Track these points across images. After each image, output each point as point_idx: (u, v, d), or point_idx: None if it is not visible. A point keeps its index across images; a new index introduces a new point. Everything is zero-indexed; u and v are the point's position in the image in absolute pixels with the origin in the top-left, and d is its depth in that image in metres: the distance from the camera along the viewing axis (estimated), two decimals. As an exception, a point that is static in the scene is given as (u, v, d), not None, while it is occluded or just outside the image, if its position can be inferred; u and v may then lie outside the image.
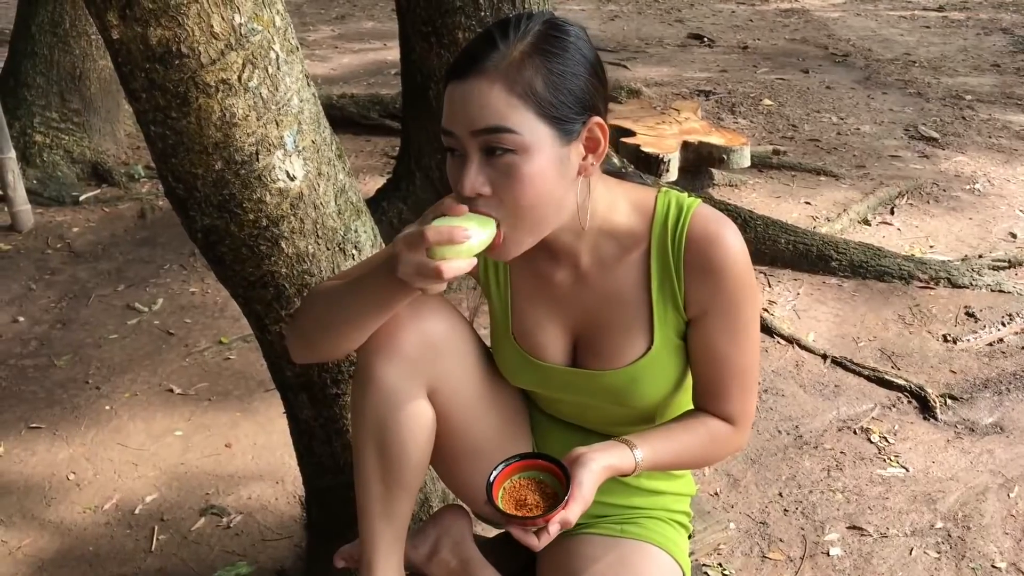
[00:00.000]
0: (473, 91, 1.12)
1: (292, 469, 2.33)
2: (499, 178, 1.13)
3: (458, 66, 1.14)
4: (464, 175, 1.13)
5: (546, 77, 1.12)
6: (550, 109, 1.12)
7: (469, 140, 1.13)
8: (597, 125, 1.17)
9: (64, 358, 3.03)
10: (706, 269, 1.24)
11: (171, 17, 1.22)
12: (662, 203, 1.27)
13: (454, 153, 1.16)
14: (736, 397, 1.31)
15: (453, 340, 1.35)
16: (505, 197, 1.14)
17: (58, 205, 4.25)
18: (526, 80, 1.11)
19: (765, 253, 3.51)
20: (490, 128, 1.11)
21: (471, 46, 1.15)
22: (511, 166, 1.12)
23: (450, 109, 1.15)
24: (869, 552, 2.18)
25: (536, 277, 1.34)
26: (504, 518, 1.16)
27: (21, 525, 2.31)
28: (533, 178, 1.13)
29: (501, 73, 1.11)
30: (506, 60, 1.12)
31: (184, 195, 1.41)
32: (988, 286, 3.36)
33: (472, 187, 1.13)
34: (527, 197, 1.14)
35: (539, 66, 1.12)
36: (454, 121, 1.14)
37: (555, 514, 1.14)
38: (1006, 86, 5.98)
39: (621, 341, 1.31)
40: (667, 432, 1.31)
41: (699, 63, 6.64)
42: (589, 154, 1.19)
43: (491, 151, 1.12)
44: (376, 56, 6.94)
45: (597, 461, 1.19)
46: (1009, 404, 2.73)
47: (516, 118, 1.11)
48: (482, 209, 1.15)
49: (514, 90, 1.11)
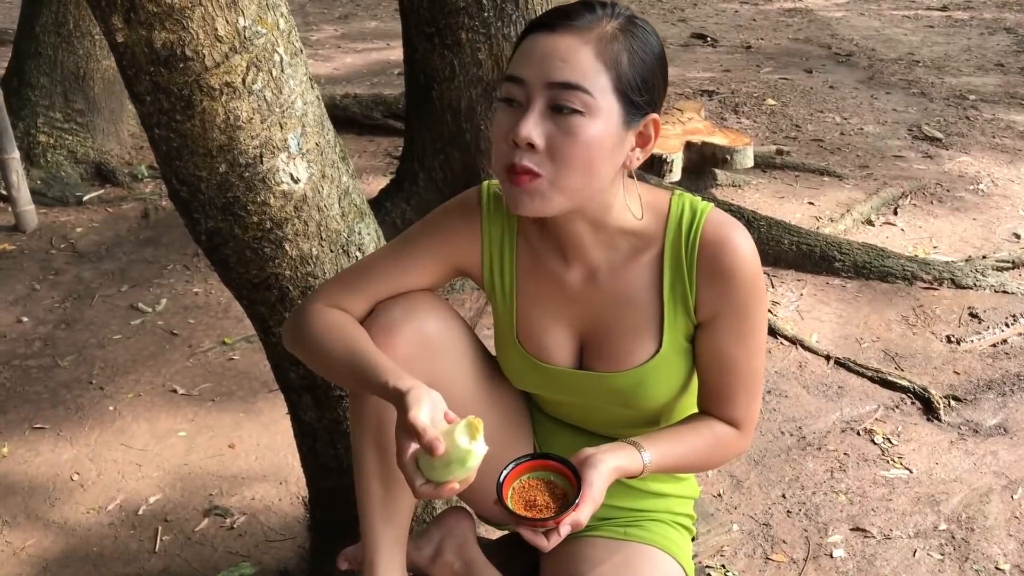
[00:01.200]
0: (560, 44, 1.13)
1: (296, 470, 2.33)
2: (558, 135, 1.13)
3: (547, 20, 1.16)
4: (523, 121, 1.13)
5: (631, 56, 1.15)
6: (627, 87, 1.15)
7: (539, 91, 1.14)
8: (653, 122, 1.20)
9: (68, 359, 3.04)
10: (719, 272, 1.25)
11: (175, 20, 1.22)
12: (676, 205, 1.28)
13: (511, 103, 1.16)
14: (742, 401, 1.31)
15: (449, 339, 1.35)
16: (556, 155, 1.14)
17: (62, 205, 4.25)
18: (614, 51, 1.14)
19: (768, 254, 3.51)
20: (568, 84, 1.12)
21: (563, 7, 1.17)
22: (575, 125, 1.13)
23: (526, 58, 1.16)
24: (872, 554, 2.18)
25: (545, 277, 1.34)
26: (514, 519, 1.16)
27: (25, 526, 2.32)
28: (591, 143, 1.14)
29: (594, 36, 1.14)
30: (601, 27, 1.15)
31: (188, 198, 1.41)
32: (992, 287, 3.36)
33: (527, 135, 1.13)
34: (579, 160, 1.14)
35: (627, 45, 1.15)
36: (528, 69, 1.15)
37: (566, 515, 1.14)
38: (1010, 86, 5.97)
39: (629, 343, 1.31)
40: (673, 435, 1.31)
41: (702, 63, 6.64)
42: (638, 147, 1.20)
43: (559, 108, 1.13)
44: (379, 56, 6.94)
45: (607, 462, 1.19)
46: (1013, 405, 2.73)
47: (596, 82, 1.13)
48: (525, 163, 1.14)
49: (601, 56, 1.13)
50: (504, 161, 1.17)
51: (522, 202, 1.17)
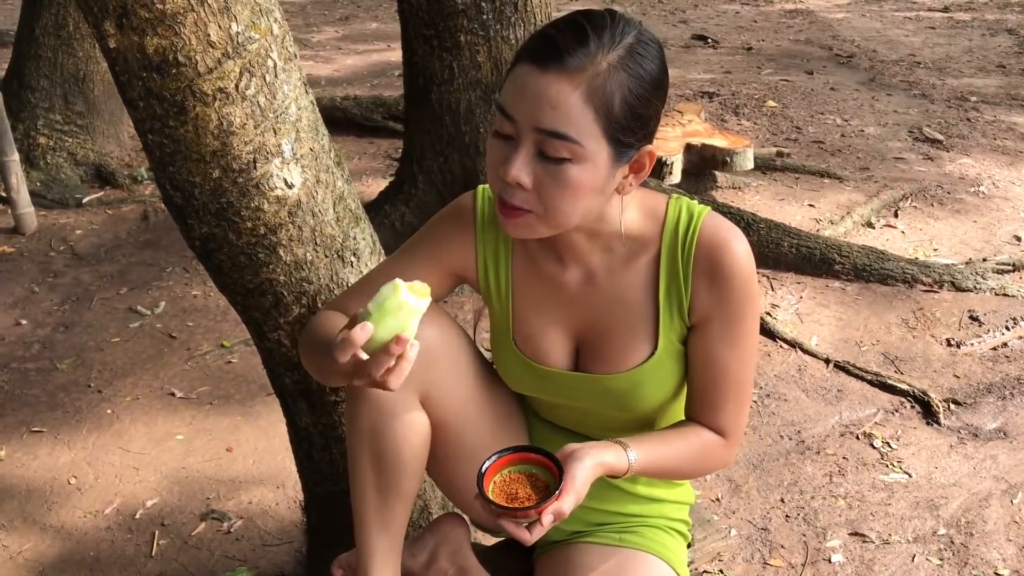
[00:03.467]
0: (551, 88, 1.09)
1: (293, 473, 2.32)
2: (545, 178, 1.13)
3: (541, 53, 1.11)
4: (511, 163, 1.13)
5: (625, 98, 1.11)
6: (617, 131, 1.12)
7: (528, 132, 1.12)
8: (648, 153, 1.18)
9: (66, 361, 3.04)
10: (714, 274, 1.25)
11: (168, 26, 1.22)
12: (673, 209, 1.28)
13: (503, 134, 1.15)
14: (730, 409, 1.31)
15: (445, 346, 1.35)
16: (544, 196, 1.14)
17: (61, 207, 4.25)
18: (607, 94, 1.10)
19: (768, 256, 3.50)
20: (556, 133, 1.10)
21: (559, 35, 1.11)
22: (562, 173, 1.12)
23: (518, 94, 1.12)
24: (871, 559, 2.17)
25: (542, 279, 1.34)
26: (495, 511, 1.14)
27: (22, 529, 2.31)
28: (577, 188, 1.13)
29: (586, 78, 1.09)
30: (594, 66, 1.09)
31: (182, 203, 1.41)
32: (992, 290, 3.35)
33: (516, 177, 1.13)
34: (564, 203, 1.15)
35: (622, 84, 1.11)
36: (519, 109, 1.12)
37: (548, 505, 1.12)
38: (1011, 87, 5.96)
39: (625, 345, 1.31)
40: (661, 437, 1.31)
41: (703, 64, 6.63)
42: (631, 174, 1.19)
43: (546, 151, 1.12)
44: (380, 57, 6.94)
45: (592, 457, 1.19)
46: (1013, 409, 2.72)
47: (584, 129, 1.10)
48: (515, 201, 1.15)
49: (591, 100, 1.09)
50: (496, 190, 1.19)
51: (511, 230, 1.20)
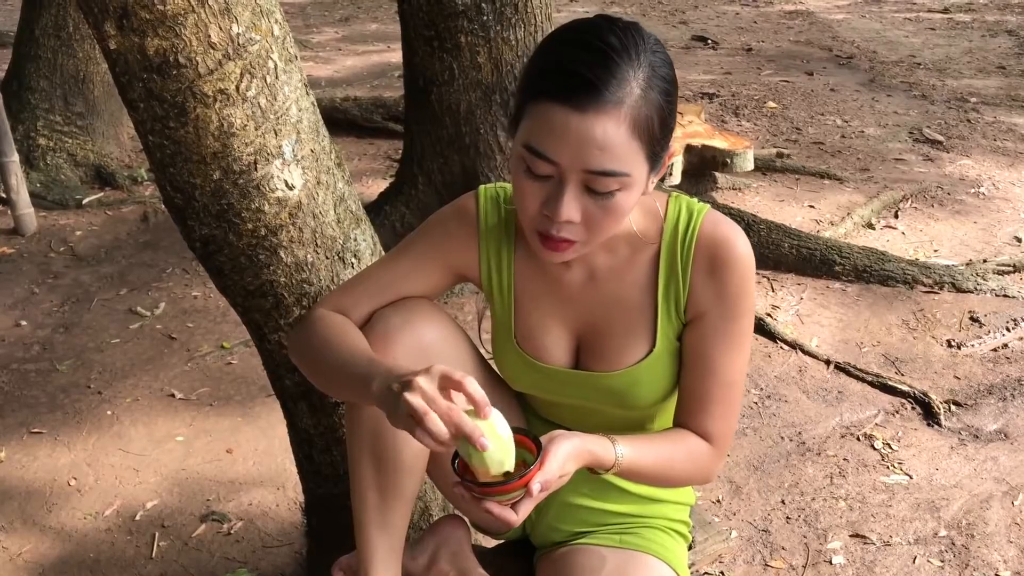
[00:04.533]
0: (596, 130, 1.07)
1: (293, 475, 2.32)
2: (595, 210, 1.13)
3: (573, 91, 1.07)
4: (560, 204, 1.11)
5: (661, 116, 1.11)
6: (657, 148, 1.13)
7: (575, 173, 1.10)
8: (668, 154, 1.19)
9: (66, 363, 3.03)
10: (713, 268, 1.25)
11: (168, 27, 1.21)
12: (673, 207, 1.29)
13: (539, 175, 1.12)
14: (718, 413, 1.30)
15: (446, 347, 1.35)
16: (592, 226, 1.15)
17: (61, 208, 4.25)
18: (646, 120, 1.09)
19: (768, 257, 3.50)
20: (607, 172, 1.09)
21: (584, 68, 1.07)
22: (612, 203, 1.13)
23: (557, 138, 1.08)
24: (872, 560, 2.17)
25: (544, 279, 1.35)
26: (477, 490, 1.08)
27: (22, 531, 2.31)
28: (625, 210, 1.15)
29: (627, 111, 1.07)
30: (631, 96, 1.08)
31: (182, 204, 1.41)
32: (993, 291, 3.35)
33: (568, 216, 1.12)
34: (612, 225, 1.16)
35: (657, 104, 1.10)
36: (562, 153, 1.08)
37: (531, 475, 1.07)
38: (1011, 88, 5.96)
39: (624, 343, 1.31)
40: (648, 438, 1.30)
41: (703, 65, 6.63)
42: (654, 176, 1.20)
43: (595, 188, 1.11)
44: (380, 58, 6.94)
45: (580, 439, 1.17)
46: (1014, 411, 2.72)
47: (632, 160, 1.10)
48: (564, 235, 1.14)
49: (636, 131, 1.09)
50: (536, 226, 1.17)
51: (555, 258, 1.20)
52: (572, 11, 8.60)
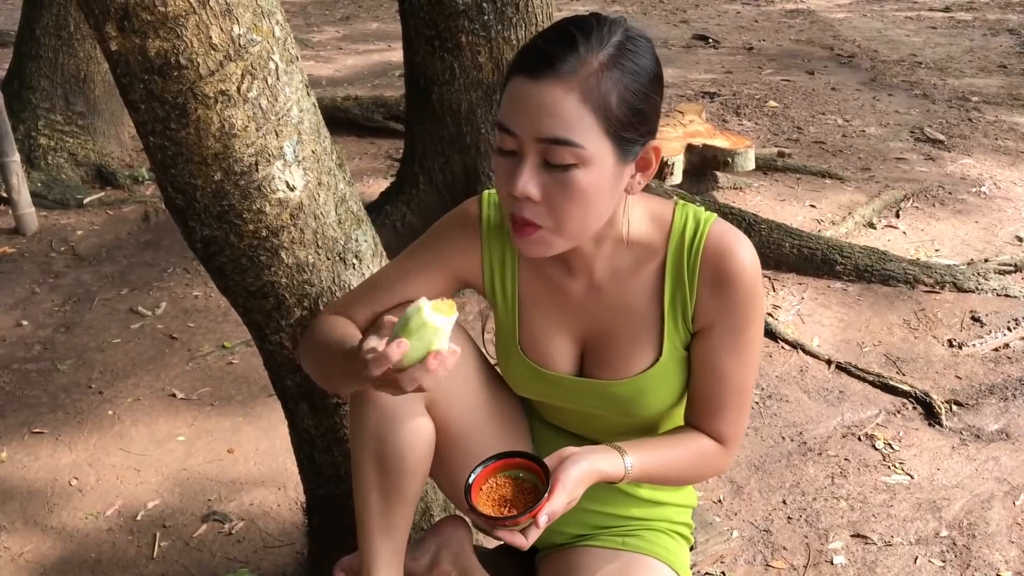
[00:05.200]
0: (546, 96, 1.09)
1: (294, 475, 2.32)
2: (553, 188, 1.12)
3: (532, 63, 1.10)
4: (518, 177, 1.12)
5: (621, 94, 1.10)
6: (618, 128, 1.11)
7: (530, 144, 1.11)
8: (653, 149, 1.17)
9: (67, 362, 3.04)
10: (719, 281, 1.24)
11: (169, 29, 1.21)
12: (680, 216, 1.28)
13: (506, 150, 1.14)
14: (730, 416, 1.31)
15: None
16: (554, 207, 1.14)
17: (62, 208, 4.25)
18: (602, 93, 1.09)
19: (770, 257, 3.50)
20: (558, 139, 1.09)
21: (548, 43, 1.11)
22: (569, 179, 1.11)
23: (515, 108, 1.11)
24: (873, 560, 2.17)
25: (546, 286, 1.34)
26: (487, 521, 1.13)
27: (23, 531, 2.31)
28: (587, 193, 1.13)
29: (579, 81, 1.08)
30: (586, 68, 1.09)
31: (183, 205, 1.41)
32: (994, 290, 3.35)
33: (523, 190, 1.12)
34: (577, 211, 1.14)
35: (617, 81, 1.10)
36: (517, 121, 1.11)
37: (540, 508, 1.11)
38: (1013, 87, 5.95)
39: (630, 351, 1.31)
40: (658, 444, 1.30)
41: (704, 64, 6.63)
42: (639, 172, 1.19)
43: (552, 161, 1.11)
44: (381, 57, 6.93)
45: (588, 461, 1.18)
46: (1015, 410, 2.72)
47: (585, 132, 1.09)
48: (526, 215, 1.15)
49: (588, 101, 1.09)
50: (506, 209, 1.18)
51: (526, 249, 1.19)
52: (572, 10, 8.60)
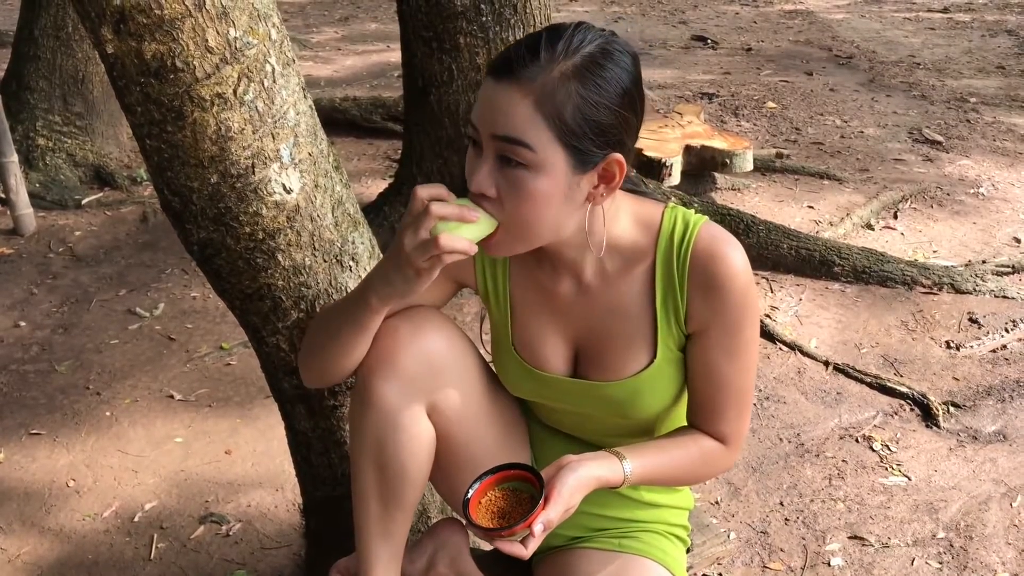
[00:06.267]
0: (502, 96, 1.12)
1: (292, 476, 2.32)
2: (506, 187, 1.15)
3: (498, 65, 1.15)
4: (477, 172, 1.16)
5: (577, 105, 1.11)
6: (571, 138, 1.12)
7: (488, 140, 1.14)
8: (616, 161, 1.17)
9: (65, 363, 3.03)
10: (709, 285, 1.24)
11: (165, 32, 1.21)
12: (668, 218, 1.28)
13: (475, 144, 1.18)
14: (731, 417, 1.31)
15: (453, 357, 1.35)
16: (507, 205, 1.16)
17: (60, 209, 4.25)
18: (557, 103, 1.11)
19: (767, 258, 3.50)
20: (508, 138, 1.12)
21: (516, 48, 1.15)
22: (519, 179, 1.13)
23: (479, 105, 1.16)
24: (871, 562, 2.17)
25: (537, 288, 1.34)
26: (485, 534, 1.15)
27: (21, 532, 2.31)
28: (536, 197, 1.14)
29: (535, 87, 1.11)
30: (543, 76, 1.11)
31: (180, 208, 1.41)
32: (992, 292, 3.35)
33: (479, 186, 1.16)
34: (527, 212, 1.16)
35: (573, 92, 1.11)
36: (479, 118, 1.16)
37: (535, 517, 1.13)
38: (1011, 88, 5.96)
39: (623, 353, 1.31)
40: (658, 447, 1.30)
41: (702, 65, 6.63)
42: (602, 184, 1.19)
43: (505, 159, 1.14)
44: (379, 58, 6.93)
45: (585, 468, 1.19)
46: (1012, 412, 2.72)
47: (536, 136, 1.11)
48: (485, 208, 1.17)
49: (541, 109, 1.11)
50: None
51: (487, 247, 1.20)
52: (571, 11, 8.60)
